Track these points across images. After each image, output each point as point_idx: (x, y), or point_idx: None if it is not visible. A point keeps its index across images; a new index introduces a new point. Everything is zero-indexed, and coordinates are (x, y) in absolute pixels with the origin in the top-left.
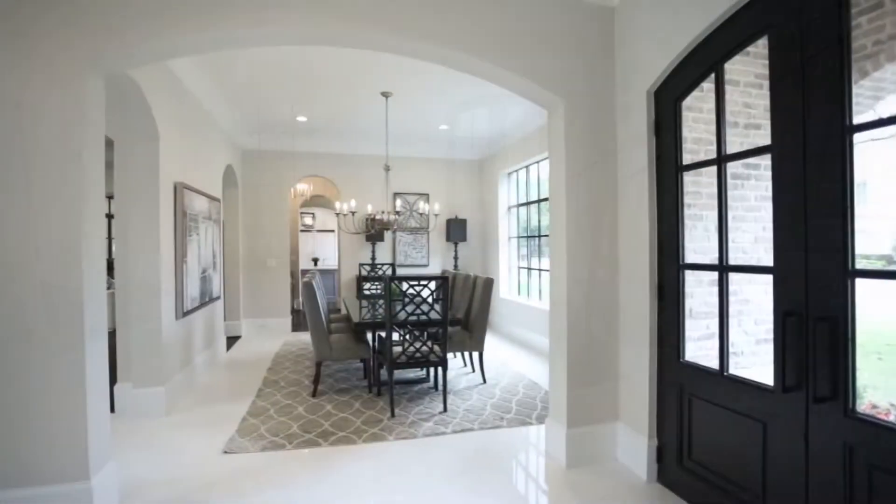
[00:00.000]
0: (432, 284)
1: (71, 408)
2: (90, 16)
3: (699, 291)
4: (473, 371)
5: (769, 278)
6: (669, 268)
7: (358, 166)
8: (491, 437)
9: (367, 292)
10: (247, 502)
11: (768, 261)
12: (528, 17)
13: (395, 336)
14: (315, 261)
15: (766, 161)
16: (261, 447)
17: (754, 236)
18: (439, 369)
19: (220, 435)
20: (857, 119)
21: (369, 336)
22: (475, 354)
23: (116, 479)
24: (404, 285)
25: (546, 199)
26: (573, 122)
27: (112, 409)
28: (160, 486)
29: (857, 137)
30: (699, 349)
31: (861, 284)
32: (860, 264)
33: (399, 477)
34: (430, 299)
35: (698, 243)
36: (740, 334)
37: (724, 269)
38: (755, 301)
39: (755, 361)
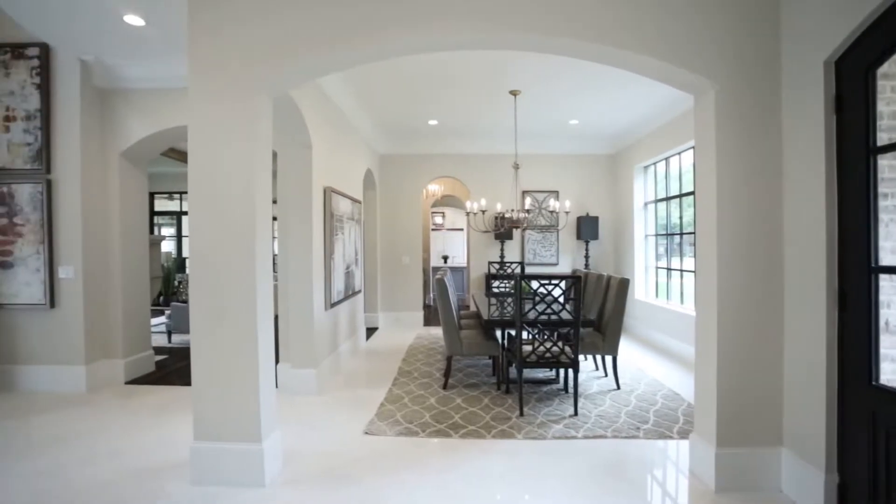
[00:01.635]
0: (563, 283)
1: (249, 380)
2: (260, 45)
3: None
4: (606, 375)
5: None
6: (855, 271)
7: (487, 165)
8: (625, 447)
9: (495, 290)
10: (385, 480)
11: None
12: None
13: (525, 335)
14: (445, 258)
15: None
16: (396, 432)
17: None
18: (570, 371)
19: (361, 417)
20: None
21: (498, 333)
22: (608, 358)
23: (281, 446)
24: (534, 284)
25: (689, 193)
26: (725, 106)
27: (276, 386)
28: (313, 457)
29: None
30: None
31: None
32: None
33: (527, 477)
34: (560, 299)
35: None
36: None
37: None
38: None
39: None
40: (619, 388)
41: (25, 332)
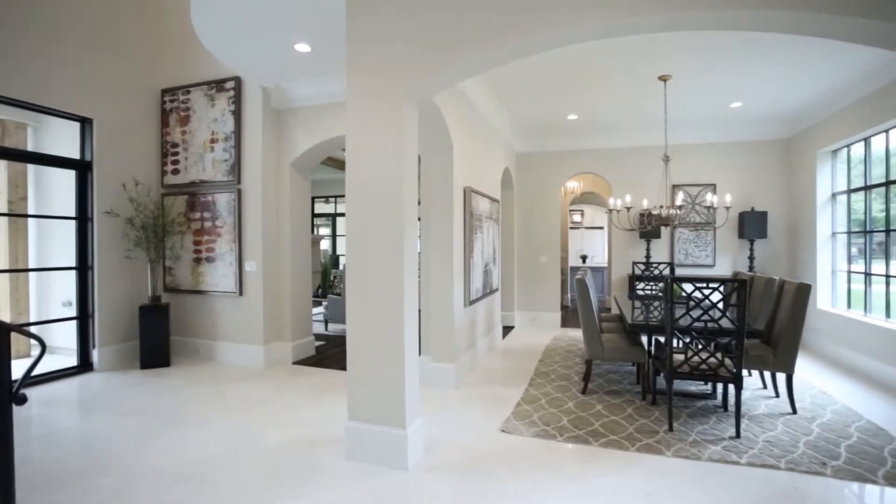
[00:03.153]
0: (724, 288)
1: (395, 370)
2: (407, 60)
3: None
4: (777, 396)
5: None
6: None
7: (632, 159)
8: (805, 484)
9: (640, 292)
10: (522, 479)
11: None
12: None
13: (676, 342)
14: (583, 258)
15: None
16: (533, 433)
17: None
18: (730, 387)
19: (497, 414)
20: None
21: (644, 339)
22: (780, 376)
23: (423, 434)
24: (688, 287)
25: None
26: None
27: None
28: (451, 448)
29: None
30: None
31: None
32: None
33: (678, 500)
34: (720, 304)
35: None
36: None
37: None
38: None
39: None
40: (794, 412)
41: (222, 314)
